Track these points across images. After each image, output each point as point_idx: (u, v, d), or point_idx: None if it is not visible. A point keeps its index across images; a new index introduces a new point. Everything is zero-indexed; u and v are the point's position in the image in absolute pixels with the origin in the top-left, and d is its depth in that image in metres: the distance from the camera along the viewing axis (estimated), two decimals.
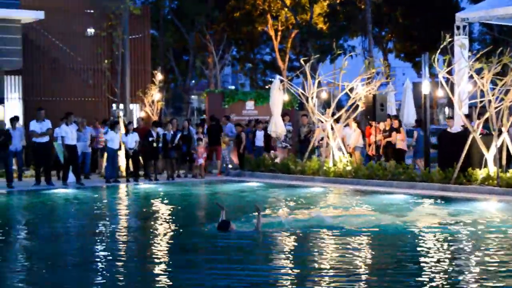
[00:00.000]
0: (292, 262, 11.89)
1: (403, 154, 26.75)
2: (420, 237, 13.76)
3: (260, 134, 28.18)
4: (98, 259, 12.20)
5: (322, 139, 26.30)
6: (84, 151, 26.27)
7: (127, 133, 25.68)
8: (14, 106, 30.73)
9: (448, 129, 24.63)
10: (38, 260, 12.32)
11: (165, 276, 10.83)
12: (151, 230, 15.33)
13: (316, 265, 11.43)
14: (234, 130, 28.31)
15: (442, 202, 19.32)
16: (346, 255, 12.02)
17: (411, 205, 18.81)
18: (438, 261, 11.52)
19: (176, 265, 11.72)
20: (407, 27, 51.46)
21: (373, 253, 12.53)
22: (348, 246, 12.84)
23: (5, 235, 15.09)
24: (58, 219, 17.73)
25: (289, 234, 14.25)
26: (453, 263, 11.48)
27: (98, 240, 14.00)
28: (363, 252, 12.48)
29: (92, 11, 32.86)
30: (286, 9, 50.93)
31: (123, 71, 30.36)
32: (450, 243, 13.15)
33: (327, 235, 14.12)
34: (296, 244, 13.50)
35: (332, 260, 11.72)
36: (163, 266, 11.56)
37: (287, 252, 12.61)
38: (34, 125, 24.12)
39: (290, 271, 11.15)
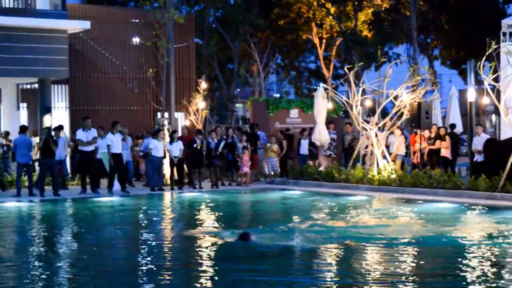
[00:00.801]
0: (337, 273, 11.73)
1: (448, 162, 26.49)
2: (466, 248, 13.54)
3: (304, 143, 28.18)
4: (145, 267, 12.29)
5: (366, 147, 26.16)
6: (127, 160, 26.44)
7: (171, 141, 25.83)
8: (61, 115, 31.06)
9: (476, 136, 24.30)
10: (84, 268, 12.43)
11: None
12: (195, 238, 15.37)
13: (359, 277, 11.32)
14: (266, 138, 28.40)
15: (488, 211, 19.10)
16: (390, 267, 11.88)
17: (457, 214, 18.64)
18: (484, 274, 11.32)
19: (222, 273, 11.73)
20: (453, 34, 51.00)
21: (418, 264, 12.30)
22: (393, 257, 12.69)
23: (52, 242, 15.25)
24: (104, 226, 17.87)
25: (332, 245, 14.16)
26: (501, 276, 11.30)
27: (144, 248, 14.08)
28: (407, 264, 12.29)
29: (137, 20, 33.13)
30: (330, 17, 50.84)
31: (168, 80, 30.53)
32: (497, 254, 12.95)
33: (371, 245, 14.00)
34: (340, 255, 13.33)
35: (376, 272, 11.53)
36: (207, 274, 11.58)
37: (330, 264, 12.47)
38: (80, 134, 24.39)
39: (334, 283, 11.09)
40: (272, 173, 27.97)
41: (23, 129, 24.87)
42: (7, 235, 16.38)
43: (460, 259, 12.44)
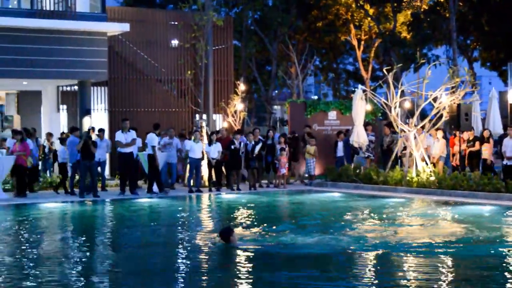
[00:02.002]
0: (378, 280, 11.57)
1: (488, 164, 26.23)
2: (507, 253, 13.38)
3: (341, 144, 28.13)
4: (181, 268, 12.34)
5: (405, 149, 26.01)
6: (169, 162, 26.52)
7: (210, 143, 25.89)
8: (100, 117, 31.33)
9: (507, 138, 24.01)
10: (123, 267, 12.54)
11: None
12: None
13: (401, 284, 11.26)
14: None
15: None
16: (433, 273, 11.68)
17: (497, 216, 18.45)
18: None
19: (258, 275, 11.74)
20: (493, 35, 50.49)
21: (458, 270, 12.14)
22: (437, 263, 12.49)
23: (92, 243, 15.37)
24: (142, 227, 17.96)
25: (371, 250, 14.08)
26: None
27: (181, 249, 14.13)
28: (447, 269, 12.13)
29: (176, 22, 33.30)
30: (369, 19, 50.64)
31: (206, 82, 30.63)
32: None
33: (410, 250, 13.90)
34: (377, 260, 13.20)
35: (416, 280, 11.25)
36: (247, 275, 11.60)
37: (369, 270, 12.33)
38: (119, 136, 24.57)
39: None
40: (307, 174, 27.98)
41: (73, 130, 25.14)
42: (45, 235, 16.59)
43: (500, 264, 12.31)
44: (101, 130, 26.31)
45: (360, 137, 26.96)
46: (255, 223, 17.86)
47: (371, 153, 28.35)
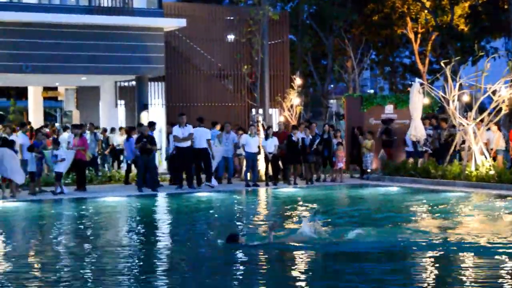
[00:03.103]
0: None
1: None
2: None
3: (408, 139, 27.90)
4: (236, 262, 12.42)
5: (463, 142, 25.70)
6: (226, 156, 26.63)
7: (267, 137, 25.91)
8: (157, 111, 31.58)
9: None
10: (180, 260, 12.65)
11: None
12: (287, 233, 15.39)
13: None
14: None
15: None
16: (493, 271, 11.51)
17: None
18: None
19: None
20: None
21: None
22: (495, 260, 12.29)
23: (151, 236, 15.53)
24: (200, 221, 18.07)
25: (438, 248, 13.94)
26: None
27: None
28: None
29: (232, 17, 33.40)
30: (425, 11, 50.08)
31: (262, 76, 30.68)
32: None
33: (472, 247, 13.71)
34: (439, 258, 12.95)
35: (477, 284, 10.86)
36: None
37: (431, 271, 12.01)
38: (176, 130, 24.73)
39: None
40: (368, 169, 27.84)
41: (151, 125, 25.41)
42: (111, 228, 16.83)
43: None
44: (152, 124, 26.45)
45: (418, 131, 26.69)
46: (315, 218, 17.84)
47: (429, 147, 28.04)
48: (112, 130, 29.37)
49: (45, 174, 25.04)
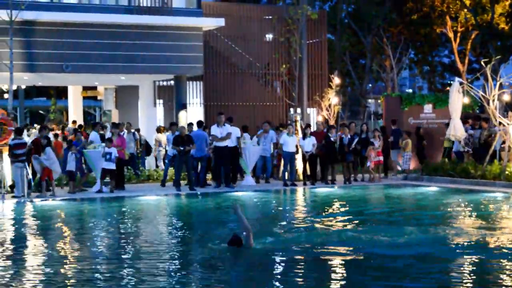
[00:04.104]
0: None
1: None
2: None
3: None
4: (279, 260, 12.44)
5: (503, 143, 25.43)
6: (264, 155, 26.63)
7: (304, 136, 25.87)
8: (195, 111, 31.69)
9: None
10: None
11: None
12: (329, 232, 15.38)
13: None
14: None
15: None
16: None
17: None
18: None
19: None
20: None
21: None
22: None
23: (190, 235, 15.61)
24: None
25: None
26: None
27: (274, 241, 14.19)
28: None
29: (270, 17, 33.40)
30: (465, 10, 49.67)
31: (301, 76, 30.65)
32: None
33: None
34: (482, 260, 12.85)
35: None
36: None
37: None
38: (214, 130, 24.79)
39: None
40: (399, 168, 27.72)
41: (199, 123, 25.57)
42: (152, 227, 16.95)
43: None
44: (190, 125, 26.58)
45: (457, 130, 26.47)
46: (350, 218, 17.80)
47: (470, 147, 27.74)
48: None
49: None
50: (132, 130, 27.23)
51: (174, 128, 25.51)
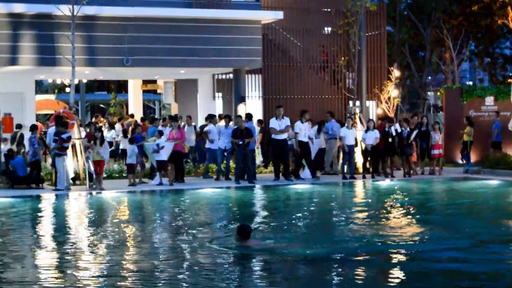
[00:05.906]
0: None
1: None
2: None
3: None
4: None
5: None
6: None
7: (367, 129, 25.73)
8: (254, 104, 31.76)
9: None
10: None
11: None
12: (391, 226, 15.34)
13: None
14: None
15: None
16: None
17: None
18: None
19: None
20: None
21: None
22: None
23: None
24: (296, 212, 18.13)
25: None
26: None
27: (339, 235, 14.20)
28: None
29: (329, 9, 33.26)
30: None
31: (360, 68, 30.49)
32: None
33: None
34: None
35: None
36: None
37: None
38: (273, 123, 24.84)
39: None
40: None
41: (248, 116, 26.03)
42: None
43: None
44: (227, 117, 26.63)
45: None
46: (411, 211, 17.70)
47: None
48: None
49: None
50: (193, 123, 27.34)
51: (214, 120, 25.72)
